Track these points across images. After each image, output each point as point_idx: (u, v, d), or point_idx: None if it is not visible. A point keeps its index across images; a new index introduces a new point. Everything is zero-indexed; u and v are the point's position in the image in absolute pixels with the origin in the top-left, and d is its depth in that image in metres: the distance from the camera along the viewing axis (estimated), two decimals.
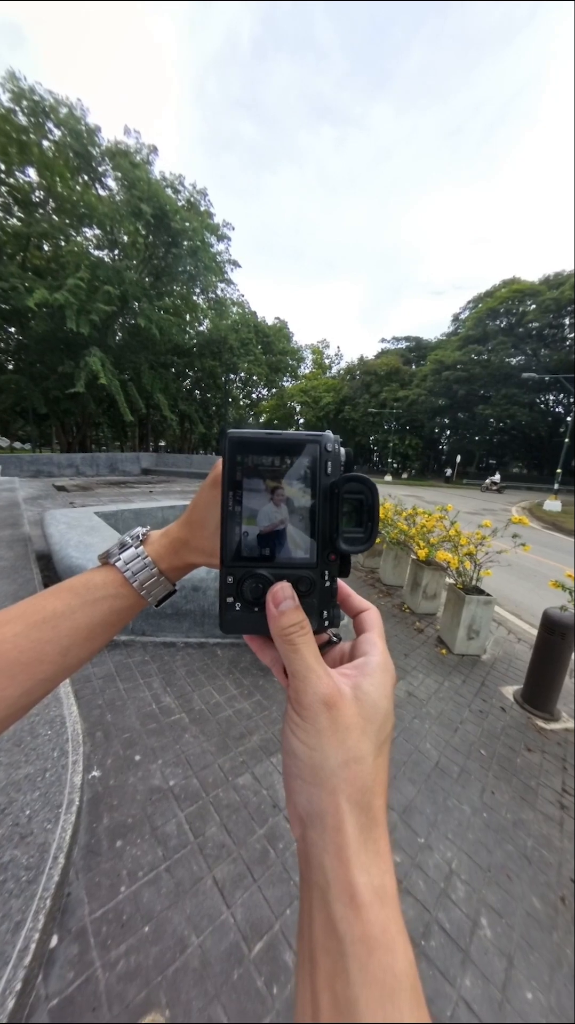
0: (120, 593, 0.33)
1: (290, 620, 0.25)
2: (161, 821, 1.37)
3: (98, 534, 3.23)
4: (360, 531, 0.27)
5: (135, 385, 18.37)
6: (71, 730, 1.56)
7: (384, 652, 0.26)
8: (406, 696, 2.58)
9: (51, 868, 1.02)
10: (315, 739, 0.22)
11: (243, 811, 1.46)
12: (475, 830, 1.67)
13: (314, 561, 0.27)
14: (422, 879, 1.40)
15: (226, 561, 0.27)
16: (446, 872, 1.45)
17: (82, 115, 15.56)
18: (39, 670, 0.29)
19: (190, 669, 2.38)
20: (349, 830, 0.20)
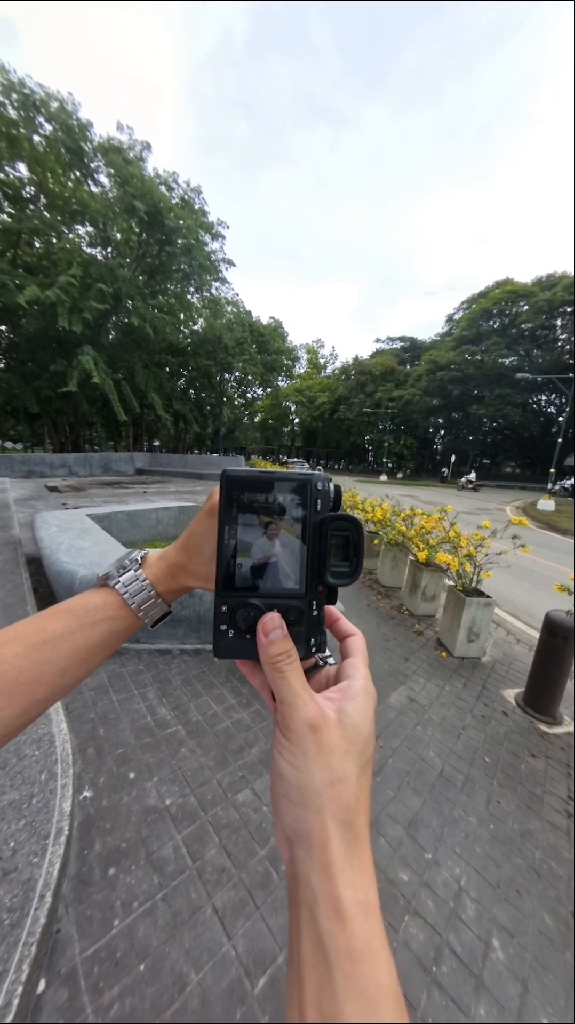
0: (119, 615, 0.34)
1: (278, 649, 0.26)
2: (157, 845, 1.29)
3: (90, 537, 3.13)
4: (346, 565, 0.29)
5: (129, 384, 18.15)
6: (60, 750, 1.46)
7: (366, 677, 0.27)
8: (407, 702, 2.53)
9: (37, 909, 0.93)
10: (302, 761, 0.23)
11: (243, 831, 1.39)
12: (482, 843, 1.62)
13: (303, 591, 0.29)
14: (431, 899, 1.35)
15: (220, 591, 0.29)
16: (455, 890, 1.40)
17: (74, 110, 15.31)
18: (37, 690, 0.30)
19: (186, 678, 2.30)
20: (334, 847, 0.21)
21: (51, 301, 13.35)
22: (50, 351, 16.29)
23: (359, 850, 0.22)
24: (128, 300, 16.64)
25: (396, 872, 1.42)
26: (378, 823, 1.59)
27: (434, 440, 46.13)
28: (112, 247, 18.52)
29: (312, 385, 48.50)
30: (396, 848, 1.50)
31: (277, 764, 0.24)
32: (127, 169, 15.75)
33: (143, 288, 18.49)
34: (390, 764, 1.93)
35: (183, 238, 18.22)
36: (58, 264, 14.92)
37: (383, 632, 3.61)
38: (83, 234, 18.05)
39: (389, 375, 42.05)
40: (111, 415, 19.26)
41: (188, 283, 21.55)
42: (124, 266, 17.43)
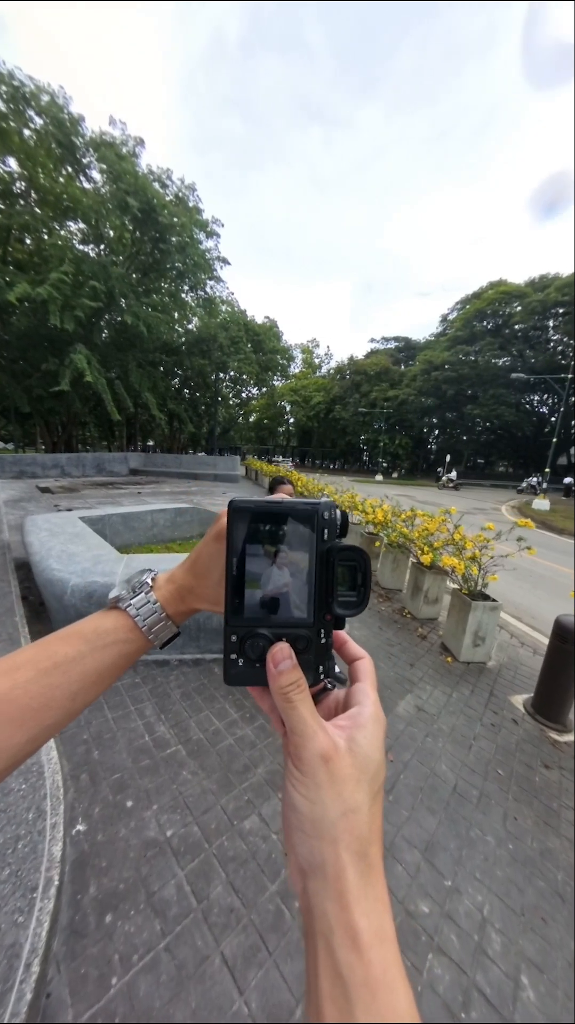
0: (130, 638, 0.34)
1: (288, 680, 0.26)
2: (158, 884, 1.17)
3: (83, 542, 2.99)
4: (354, 595, 0.30)
5: (122, 383, 17.87)
6: (50, 782, 1.32)
7: (376, 703, 0.27)
8: (416, 712, 2.44)
9: (22, 982, 0.79)
10: (315, 793, 0.23)
11: (251, 863, 1.29)
12: (503, 865, 1.54)
13: (311, 620, 0.29)
14: (455, 933, 1.26)
15: (229, 621, 0.29)
16: (479, 921, 1.31)
17: (65, 104, 15.00)
18: (47, 716, 0.29)
19: (186, 691, 2.18)
20: (350, 877, 0.21)
21: (42, 298, 13.08)
22: (41, 349, 15.98)
23: (374, 879, 0.22)
24: (121, 298, 16.39)
25: (416, 903, 1.32)
26: (394, 848, 1.49)
27: (429, 440, 46.33)
28: (105, 244, 18.23)
29: (307, 385, 48.41)
30: (414, 876, 1.41)
31: (290, 796, 0.24)
32: (120, 165, 15.50)
33: (136, 286, 18.24)
34: (402, 781, 1.84)
35: (177, 236, 18.00)
36: (49, 261, 14.63)
37: (386, 637, 3.52)
38: (75, 231, 17.76)
39: (384, 375, 42.13)
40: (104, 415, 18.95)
41: (182, 281, 21.31)
42: (117, 264, 17.17)
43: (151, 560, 2.70)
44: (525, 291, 33.39)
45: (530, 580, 6.08)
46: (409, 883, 1.38)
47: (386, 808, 1.66)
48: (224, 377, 30.02)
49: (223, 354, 24.55)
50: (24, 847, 1.11)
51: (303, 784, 0.23)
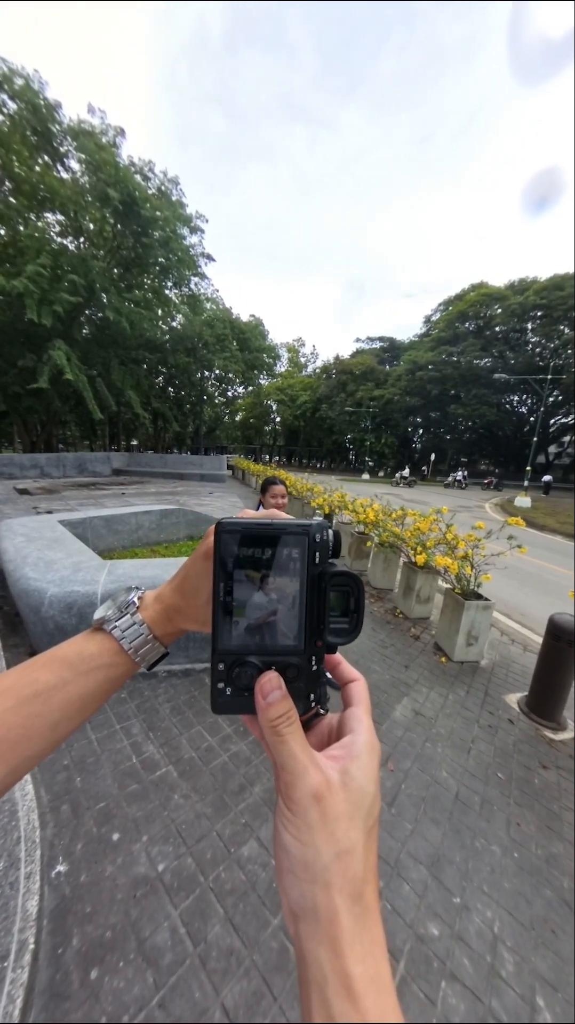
0: (115, 662, 0.33)
1: (277, 712, 0.25)
2: (150, 928, 1.06)
3: (61, 548, 2.81)
4: (346, 621, 0.29)
5: (104, 381, 17.36)
6: (24, 822, 1.17)
7: (370, 729, 0.27)
8: (413, 716, 2.40)
9: None
10: (307, 834, 0.22)
11: (251, 895, 1.19)
12: (509, 876, 1.50)
13: (301, 648, 0.28)
14: (467, 955, 1.20)
15: (216, 648, 0.28)
16: (490, 940, 1.26)
17: (40, 88, 14.42)
18: (27, 747, 0.28)
19: (175, 705, 2.05)
20: (343, 922, 0.20)
21: (18, 292, 12.54)
22: (18, 345, 15.32)
23: (369, 923, 0.21)
24: (102, 293, 15.90)
25: (426, 926, 1.26)
26: (400, 865, 1.43)
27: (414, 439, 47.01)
28: (85, 237, 17.64)
29: (294, 384, 48.33)
30: (422, 895, 1.34)
31: (281, 837, 0.23)
32: (100, 155, 15.00)
33: (118, 281, 17.75)
34: (405, 791, 1.78)
35: (160, 230, 17.58)
36: (26, 253, 14.04)
37: (380, 638, 3.48)
38: (53, 222, 17.11)
39: (370, 374, 42.48)
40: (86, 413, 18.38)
41: (166, 277, 20.86)
42: (98, 257, 16.63)
43: (136, 565, 2.56)
44: (505, 294, 34.24)
45: (517, 577, 6.18)
46: (418, 903, 1.32)
47: (390, 822, 1.59)
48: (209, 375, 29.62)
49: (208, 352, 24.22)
50: None
51: (294, 825, 0.22)
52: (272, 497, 2.23)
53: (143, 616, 0.35)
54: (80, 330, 17.37)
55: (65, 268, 14.22)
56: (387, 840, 1.52)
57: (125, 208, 15.78)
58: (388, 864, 1.43)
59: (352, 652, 3.12)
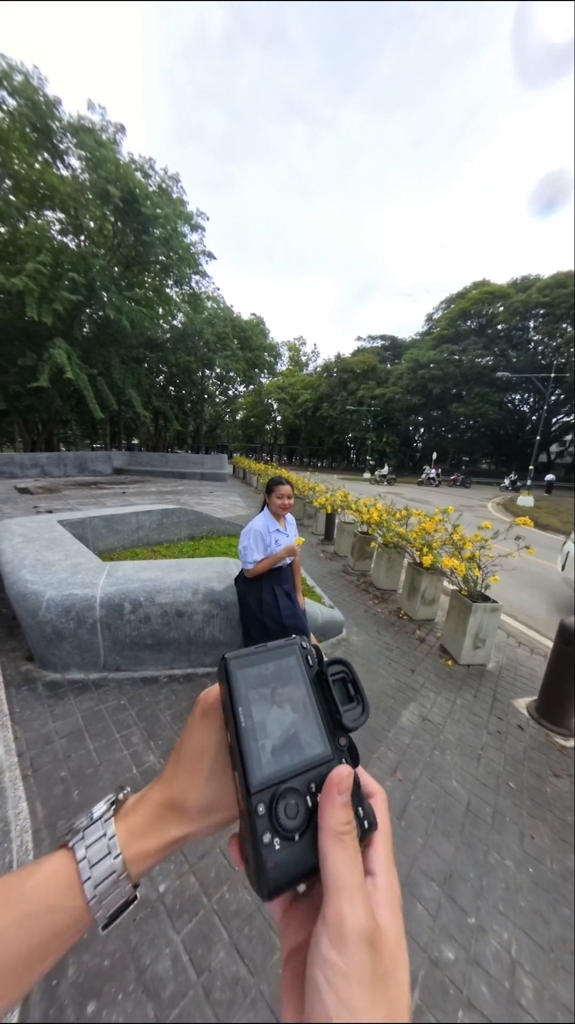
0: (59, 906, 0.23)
1: (348, 815, 0.22)
2: (151, 956, 0.99)
3: (60, 548, 2.75)
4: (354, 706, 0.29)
5: (105, 380, 17.31)
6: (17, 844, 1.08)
7: (391, 870, 0.23)
8: (421, 722, 2.34)
9: None
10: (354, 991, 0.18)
11: (257, 917, 1.13)
12: (525, 893, 1.43)
13: (330, 753, 0.27)
14: (485, 982, 1.14)
15: (252, 788, 0.24)
16: (508, 965, 1.20)
17: (40, 85, 14.33)
18: None
19: (176, 711, 1.98)
20: None
21: (18, 290, 12.49)
22: (18, 344, 15.28)
23: None
24: (103, 291, 15.83)
25: (440, 949, 1.20)
26: (412, 883, 1.37)
27: (415, 438, 46.86)
28: (85, 235, 17.57)
29: (294, 383, 48.19)
30: (436, 915, 1.28)
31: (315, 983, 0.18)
32: (100, 152, 14.91)
33: (119, 279, 17.67)
34: (414, 802, 1.72)
35: (161, 228, 17.48)
36: (25, 251, 13.98)
37: (385, 641, 3.42)
38: (53, 220, 17.03)
39: (371, 373, 42.32)
40: (87, 412, 18.32)
41: (167, 275, 20.78)
42: (98, 255, 16.53)
43: (136, 568, 2.49)
44: (507, 291, 34.04)
45: (521, 577, 6.11)
46: (431, 925, 1.26)
47: (400, 836, 1.53)
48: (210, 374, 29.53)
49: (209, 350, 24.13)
50: None
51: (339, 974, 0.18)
52: (278, 498, 2.16)
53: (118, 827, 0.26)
54: (81, 329, 17.32)
55: (65, 266, 14.14)
56: (398, 856, 1.46)
57: (126, 205, 15.69)
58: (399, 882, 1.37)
59: (358, 655, 3.05)
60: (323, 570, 5.30)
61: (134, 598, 2.14)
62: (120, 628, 2.13)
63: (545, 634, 4.07)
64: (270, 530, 2.15)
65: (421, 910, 1.29)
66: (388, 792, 1.75)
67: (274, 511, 2.21)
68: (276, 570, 2.23)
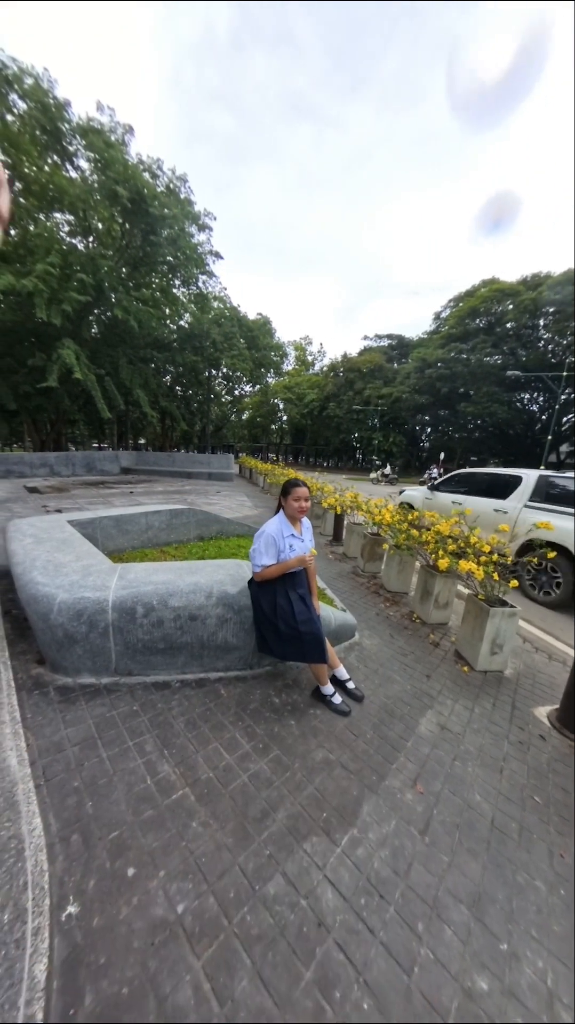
0: None
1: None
2: (170, 984, 0.94)
3: (71, 549, 2.72)
4: None
5: (113, 380, 17.40)
6: (32, 863, 1.03)
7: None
8: (439, 730, 2.26)
9: None
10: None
11: (280, 942, 1.07)
12: (557, 916, 1.36)
13: None
14: (521, 1014, 1.07)
15: None
16: (545, 995, 1.12)
17: (50, 87, 14.43)
18: None
19: (190, 718, 1.94)
20: None
21: (28, 291, 12.59)
22: (28, 344, 15.44)
23: None
24: (111, 292, 15.92)
25: (473, 978, 1.13)
26: (440, 905, 1.30)
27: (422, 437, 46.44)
28: (93, 236, 17.68)
29: (301, 382, 48.05)
30: (466, 941, 1.21)
31: None
32: (108, 152, 14.97)
33: (127, 280, 17.75)
34: (436, 817, 1.65)
35: (168, 228, 17.53)
36: (35, 252, 14.10)
37: (399, 645, 3.34)
38: (62, 222, 17.17)
39: (378, 372, 42.02)
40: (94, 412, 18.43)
41: (174, 276, 20.84)
42: (106, 256, 16.63)
43: (148, 570, 2.45)
44: (517, 289, 33.53)
45: None
46: (462, 951, 1.19)
47: (425, 855, 1.46)
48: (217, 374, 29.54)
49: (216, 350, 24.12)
50: None
51: None
52: (295, 500, 2.10)
53: None
54: (89, 329, 17.43)
55: (74, 267, 14.25)
56: (423, 875, 1.39)
57: (133, 206, 15.75)
58: (426, 904, 1.30)
59: (372, 660, 2.98)
60: (333, 572, 5.23)
61: (147, 601, 2.10)
62: (132, 632, 2.09)
63: (563, 640, 3.96)
64: (284, 535, 2.08)
65: (450, 935, 1.22)
66: (410, 805, 1.69)
67: (290, 514, 2.14)
68: (291, 574, 2.17)
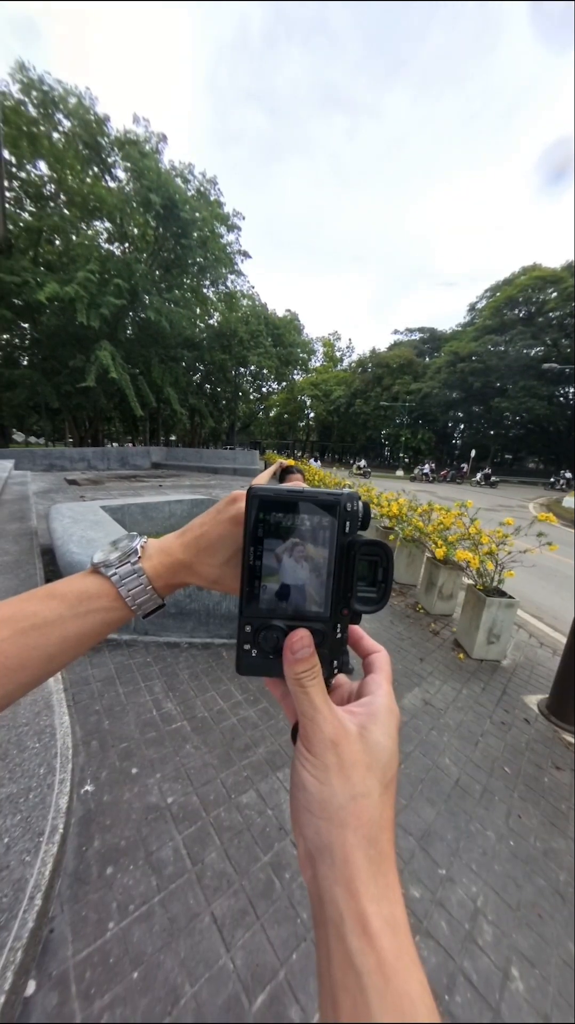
0: (113, 607, 0.33)
1: (303, 666, 0.26)
2: (157, 845, 1.25)
3: (102, 529, 3.13)
4: (374, 591, 0.29)
5: (145, 379, 18.35)
6: (61, 743, 1.44)
7: (389, 694, 0.27)
8: (422, 705, 2.42)
9: (26, 912, 0.89)
10: (323, 774, 0.23)
11: (246, 834, 1.34)
12: (501, 860, 1.52)
13: (327, 615, 0.28)
14: (445, 919, 1.26)
15: (244, 611, 0.28)
16: (471, 911, 1.30)
17: (91, 105, 15.41)
18: (22, 675, 0.29)
19: (194, 672, 2.27)
20: (358, 862, 0.20)
21: (70, 297, 13.58)
22: (69, 347, 16.62)
23: (385, 867, 0.21)
24: (144, 295, 16.77)
25: (407, 887, 1.33)
26: None
27: (453, 435, 44.77)
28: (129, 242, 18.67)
29: (328, 379, 47.81)
30: (408, 861, 1.41)
31: (299, 776, 0.24)
32: (143, 162, 15.75)
33: (159, 282, 18.59)
34: (402, 771, 1.84)
35: (199, 231, 18.16)
36: (77, 260, 15.15)
37: (398, 631, 3.49)
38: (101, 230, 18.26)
39: (407, 367, 40.95)
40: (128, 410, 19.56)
41: (204, 276, 21.52)
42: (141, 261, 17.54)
43: None
44: (562, 275, 31.37)
45: (555, 580, 5.82)
46: (401, 868, 1.39)
47: None
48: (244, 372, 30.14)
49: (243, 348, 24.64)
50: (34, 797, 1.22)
51: (312, 764, 0.23)
52: None
53: (145, 565, 0.34)
54: (124, 331, 18.46)
55: (111, 272, 15.14)
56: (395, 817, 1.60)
57: (166, 211, 16.47)
58: None
59: None
60: None
61: None
62: None
63: None
64: None
65: None
66: None
67: None
68: None
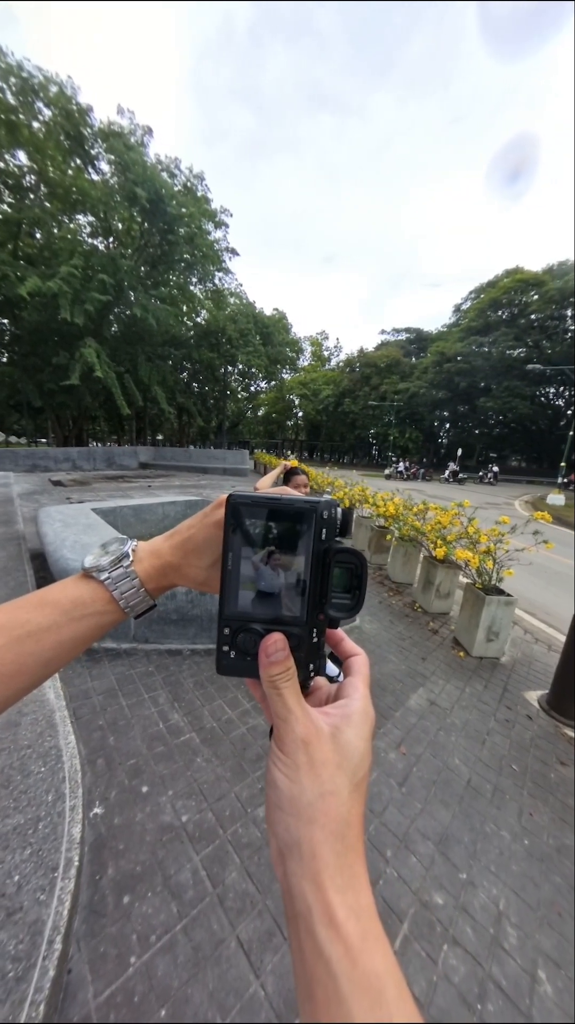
0: (107, 610, 0.34)
1: (277, 669, 0.27)
2: (174, 868, 1.19)
3: (95, 533, 3.02)
4: (349, 597, 0.30)
5: (132, 377, 17.96)
6: (68, 765, 1.35)
7: (365, 697, 0.28)
8: (428, 705, 2.42)
9: (45, 958, 0.81)
10: (294, 773, 0.24)
11: (265, 850, 1.29)
12: (518, 860, 1.52)
13: (304, 619, 0.29)
14: (470, 925, 1.25)
15: (223, 614, 0.29)
16: (494, 915, 1.30)
17: (73, 94, 14.92)
18: (18, 681, 0.29)
19: (198, 680, 2.20)
20: (325, 856, 0.21)
21: (53, 292, 13.16)
22: (52, 344, 16.12)
23: (351, 859, 0.22)
24: (130, 291, 16.40)
25: (430, 894, 1.31)
26: (408, 839, 1.49)
27: (439, 433, 45.54)
28: (114, 237, 18.21)
29: (316, 378, 47.88)
30: (429, 867, 1.40)
31: (271, 775, 0.25)
32: (128, 155, 15.37)
33: (145, 279, 18.22)
34: (415, 773, 1.83)
35: (185, 226, 17.86)
36: (59, 255, 14.69)
37: (398, 630, 3.50)
38: (84, 224, 17.75)
39: (395, 367, 41.40)
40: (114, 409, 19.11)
41: (191, 273, 21.20)
42: (126, 256, 17.13)
43: None
44: (543, 278, 32.26)
45: (544, 576, 5.97)
46: (423, 874, 1.37)
47: (400, 801, 1.65)
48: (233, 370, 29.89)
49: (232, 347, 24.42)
50: (45, 828, 1.14)
51: (283, 763, 0.24)
52: (295, 487, 2.31)
53: (137, 568, 0.35)
54: (109, 328, 18.01)
55: (95, 268, 14.74)
56: (396, 816, 1.58)
57: (152, 206, 16.12)
58: (396, 837, 1.49)
59: (369, 642, 3.16)
60: None
61: None
62: None
63: (565, 631, 4.00)
64: None
65: (415, 862, 1.41)
66: (392, 764, 1.87)
67: None
68: None
